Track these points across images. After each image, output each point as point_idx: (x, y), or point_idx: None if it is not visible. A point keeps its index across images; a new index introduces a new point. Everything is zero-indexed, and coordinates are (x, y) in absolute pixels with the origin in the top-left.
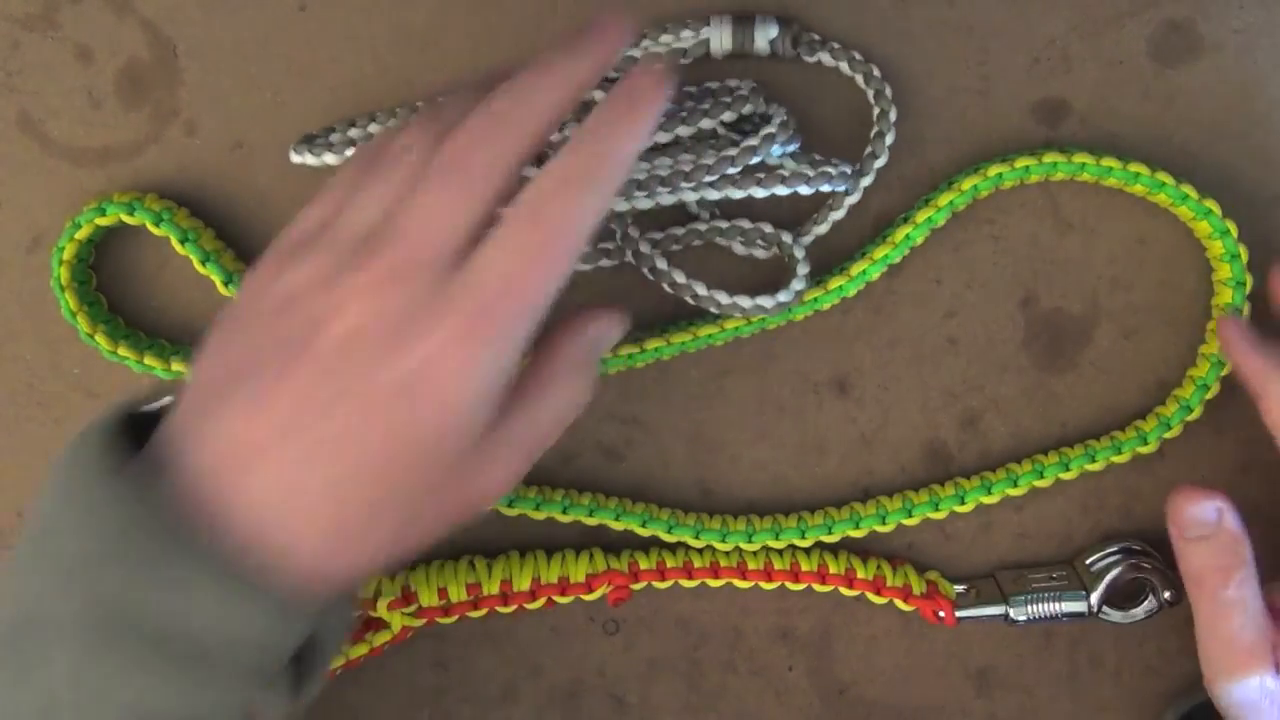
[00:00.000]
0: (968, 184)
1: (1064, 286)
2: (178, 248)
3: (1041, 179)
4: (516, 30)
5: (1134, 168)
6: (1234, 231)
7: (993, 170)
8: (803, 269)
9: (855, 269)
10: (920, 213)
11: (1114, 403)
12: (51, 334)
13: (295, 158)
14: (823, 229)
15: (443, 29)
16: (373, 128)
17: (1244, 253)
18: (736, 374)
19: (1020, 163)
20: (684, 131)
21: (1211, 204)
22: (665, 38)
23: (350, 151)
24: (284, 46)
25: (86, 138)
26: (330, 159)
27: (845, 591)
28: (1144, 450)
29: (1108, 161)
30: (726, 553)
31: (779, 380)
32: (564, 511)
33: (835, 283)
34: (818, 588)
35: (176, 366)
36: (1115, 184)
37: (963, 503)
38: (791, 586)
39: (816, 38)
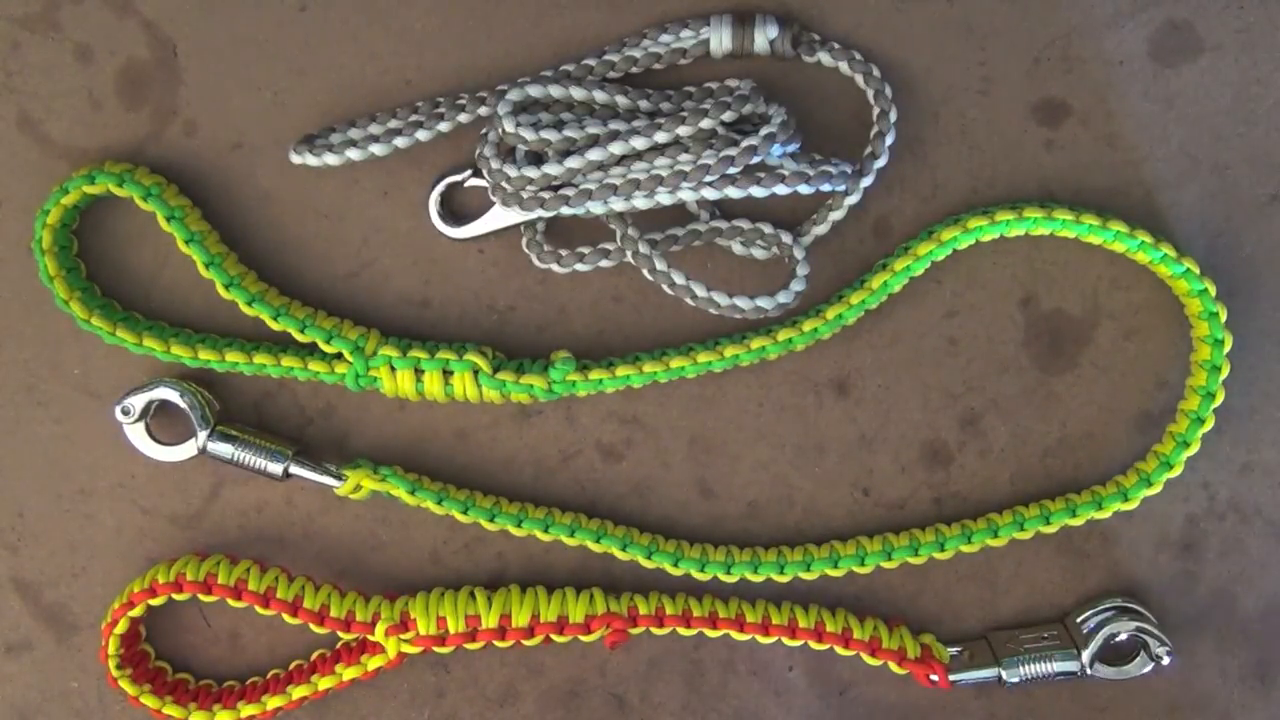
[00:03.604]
0: (947, 235)
1: (1064, 286)
2: (163, 224)
3: (1021, 234)
4: (515, 30)
5: (1113, 225)
6: (1211, 290)
7: (972, 223)
8: (802, 270)
9: (831, 312)
10: (899, 260)
11: (1114, 403)
12: (51, 334)
13: (295, 158)
14: (822, 229)
15: (442, 29)
16: (373, 128)
17: (1222, 311)
18: (736, 374)
19: (1000, 216)
20: (684, 131)
21: (1189, 262)
22: (665, 38)
23: (350, 152)
24: (284, 46)
25: (86, 138)
26: (330, 159)
27: (841, 651)
28: (1126, 507)
29: (1087, 219)
30: (725, 603)
31: (779, 380)
32: (545, 530)
33: (809, 325)
34: (814, 645)
35: (176, 350)
36: (1094, 241)
37: (942, 549)
38: (788, 642)
39: (816, 38)
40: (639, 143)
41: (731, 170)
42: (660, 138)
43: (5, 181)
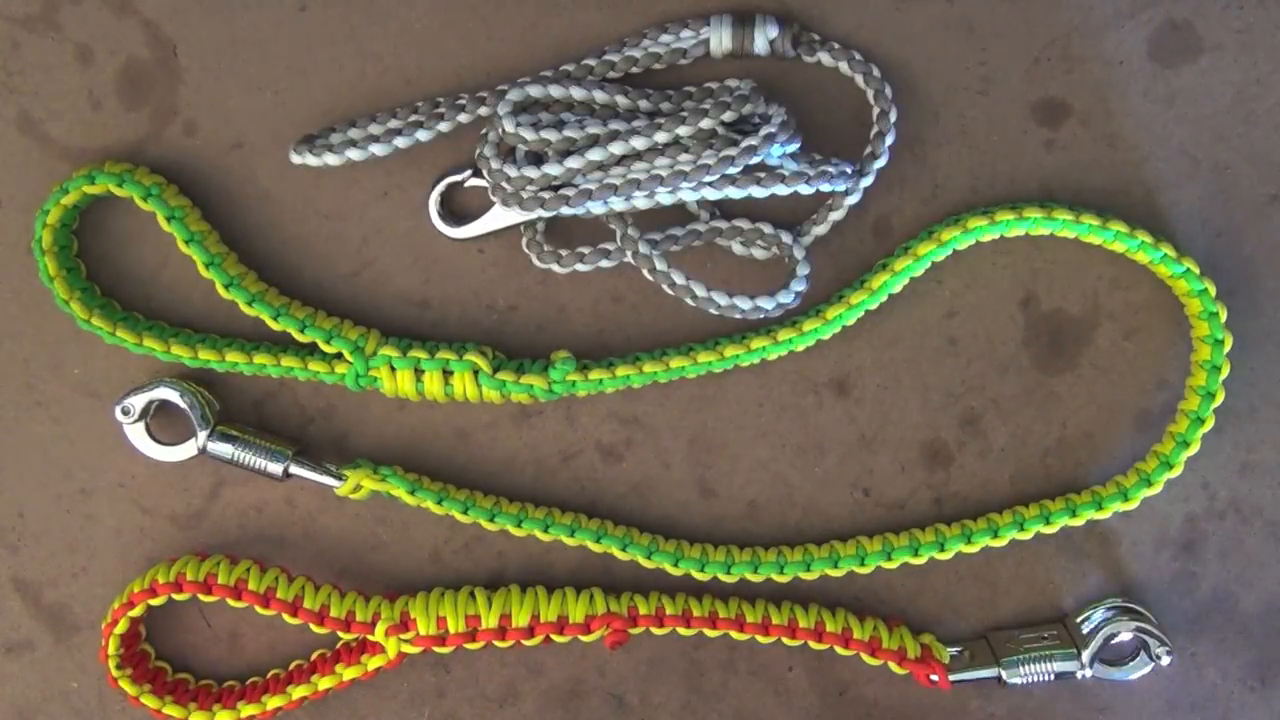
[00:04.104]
0: (947, 235)
1: (1064, 286)
2: (163, 224)
3: (1021, 234)
4: (516, 30)
5: (1113, 225)
6: (1211, 290)
7: (972, 223)
8: (803, 269)
9: (831, 313)
10: (899, 260)
11: (1114, 403)
12: (51, 334)
13: (295, 158)
14: (822, 229)
15: (443, 29)
16: (373, 128)
17: (1222, 311)
18: (736, 374)
19: (1000, 216)
20: (684, 131)
21: (1189, 262)
22: (665, 38)
23: (350, 152)
24: (284, 46)
25: (86, 138)
26: (330, 159)
27: (841, 651)
28: (1125, 507)
29: (1087, 219)
30: (725, 603)
31: (779, 380)
32: (545, 530)
33: (810, 325)
34: (814, 645)
35: (176, 350)
36: (1094, 241)
37: (942, 549)
38: (788, 642)
39: (816, 38)
40: (639, 143)
41: (731, 170)
42: (660, 138)
43: (5, 181)
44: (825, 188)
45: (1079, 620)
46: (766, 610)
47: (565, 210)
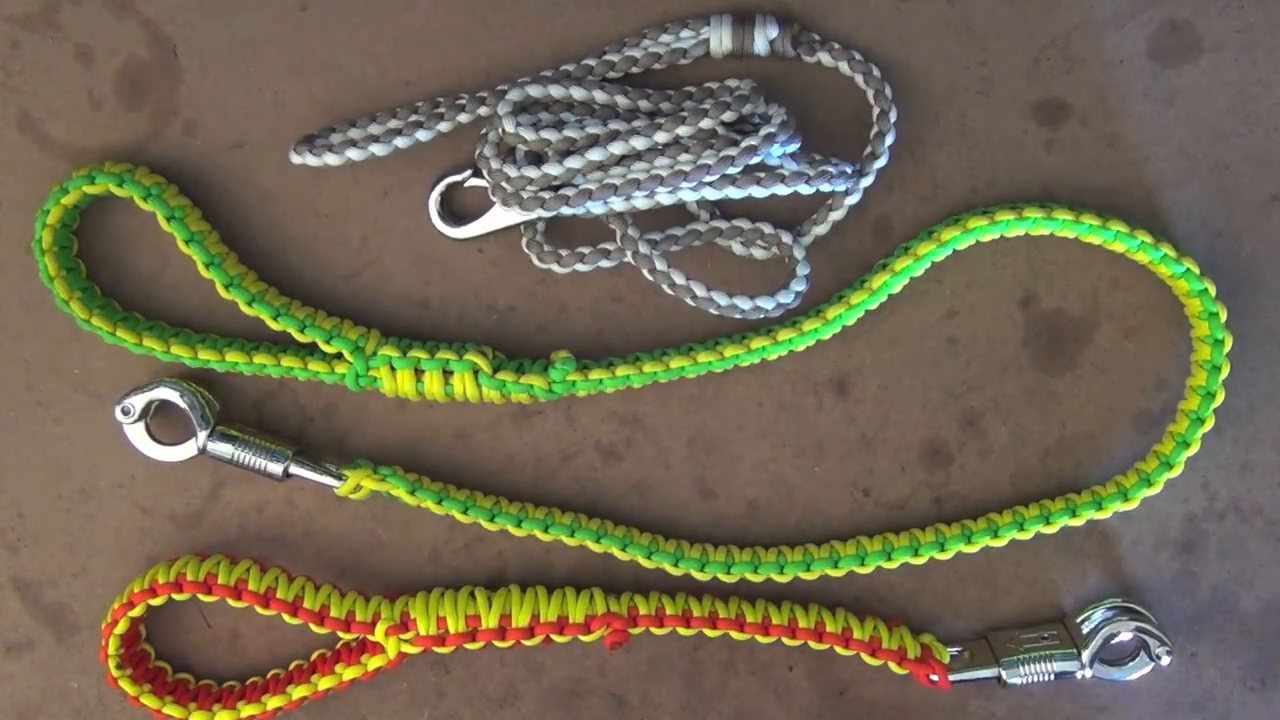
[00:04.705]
0: (947, 235)
1: (1064, 286)
2: (163, 224)
3: (1021, 234)
4: (515, 30)
5: (1113, 225)
6: (1211, 290)
7: (972, 223)
8: (802, 270)
9: (831, 313)
10: (899, 260)
11: (1114, 403)
12: (51, 334)
13: (295, 158)
14: (822, 229)
15: (443, 29)
16: (373, 128)
17: (1222, 311)
18: (736, 374)
19: (1000, 216)
20: (684, 131)
21: (1189, 262)
22: (665, 38)
23: (350, 152)
24: (284, 46)
25: (86, 138)
26: (330, 159)
27: (841, 651)
28: (1125, 507)
29: (1087, 219)
30: (725, 603)
31: (779, 380)
32: (545, 530)
33: (810, 325)
34: (814, 645)
35: (176, 350)
36: (1094, 241)
37: (942, 549)
38: (788, 642)
39: (816, 38)
40: (639, 143)
41: (731, 170)
42: (660, 138)
43: (5, 181)
44: (825, 188)
45: (1079, 620)
46: (766, 610)
47: (565, 210)
